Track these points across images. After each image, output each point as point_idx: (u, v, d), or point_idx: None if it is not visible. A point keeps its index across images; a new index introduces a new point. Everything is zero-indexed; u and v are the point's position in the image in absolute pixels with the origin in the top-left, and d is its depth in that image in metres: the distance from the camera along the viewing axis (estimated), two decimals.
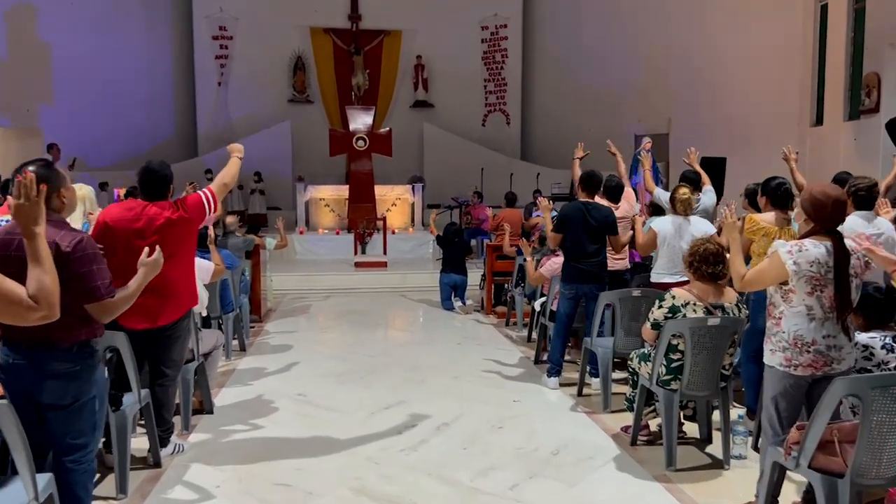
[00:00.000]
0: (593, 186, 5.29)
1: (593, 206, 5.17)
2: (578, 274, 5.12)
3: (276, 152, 16.09)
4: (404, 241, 12.87)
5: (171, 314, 3.60)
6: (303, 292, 9.95)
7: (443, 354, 6.34)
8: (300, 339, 7.00)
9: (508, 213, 8.72)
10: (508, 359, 6.14)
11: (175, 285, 3.58)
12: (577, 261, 5.13)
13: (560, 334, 5.25)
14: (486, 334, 7.23)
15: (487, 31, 17.63)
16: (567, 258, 5.22)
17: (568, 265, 5.20)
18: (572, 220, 5.13)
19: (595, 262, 5.14)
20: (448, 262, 8.71)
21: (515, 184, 14.49)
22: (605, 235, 5.19)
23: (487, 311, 8.34)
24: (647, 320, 3.74)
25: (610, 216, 5.21)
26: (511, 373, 5.70)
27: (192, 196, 3.67)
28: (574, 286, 5.16)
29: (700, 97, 13.60)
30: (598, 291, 5.13)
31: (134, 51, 16.14)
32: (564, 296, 5.23)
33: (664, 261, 4.91)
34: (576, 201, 5.31)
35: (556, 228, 5.27)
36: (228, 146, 4.09)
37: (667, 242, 4.90)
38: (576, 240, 5.12)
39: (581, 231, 5.11)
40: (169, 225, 3.52)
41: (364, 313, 8.50)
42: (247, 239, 7.55)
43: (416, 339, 7.01)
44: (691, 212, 4.95)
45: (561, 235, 5.22)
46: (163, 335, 3.62)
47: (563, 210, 5.31)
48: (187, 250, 3.65)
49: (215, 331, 4.81)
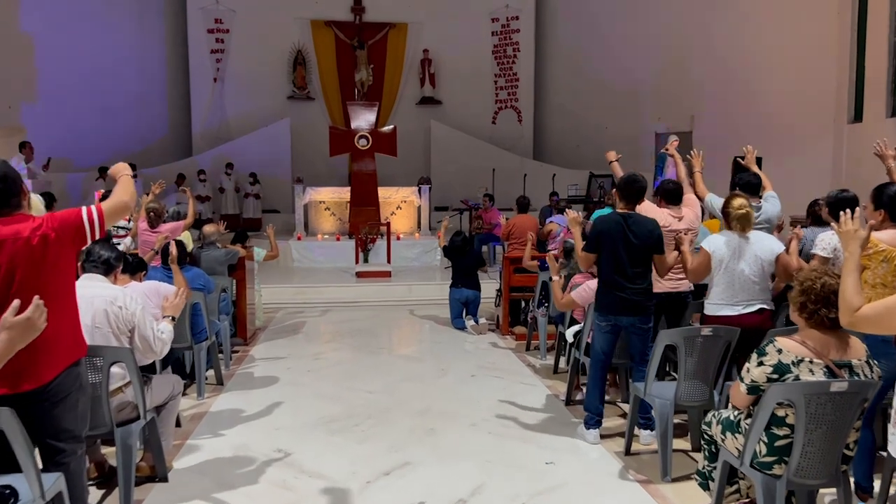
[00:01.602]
0: (633, 194, 4.26)
1: (635, 219, 4.17)
2: (616, 303, 4.14)
3: (274, 152, 15.34)
4: (410, 248, 11.91)
5: (44, 371, 2.60)
6: (298, 306, 9.01)
7: (455, 391, 5.36)
8: (289, 368, 6.03)
9: (521, 220, 7.72)
10: (534, 397, 5.16)
11: (45, 333, 2.57)
12: (614, 287, 4.14)
13: (597, 377, 4.27)
14: (505, 362, 6.24)
15: (498, 23, 16.75)
16: (602, 283, 4.24)
17: (603, 292, 4.22)
18: (609, 237, 4.14)
19: (638, 288, 4.14)
20: (458, 276, 7.74)
21: (529, 186, 13.53)
22: (649, 255, 4.19)
23: (504, 332, 7.36)
24: (740, 380, 2.75)
25: (655, 230, 4.20)
26: (539, 418, 4.72)
27: (64, 213, 2.69)
28: (611, 318, 4.19)
29: (726, 93, 12.77)
30: (642, 325, 4.16)
31: (124, 44, 15.28)
32: (600, 328, 4.26)
33: (721, 289, 3.94)
34: (613, 212, 4.31)
35: (588, 246, 4.28)
36: (111, 168, 3.13)
37: (723, 266, 3.93)
38: (613, 261, 4.14)
39: (620, 250, 4.12)
40: (28, 250, 2.53)
41: (365, 333, 7.54)
42: (230, 251, 6.59)
43: (424, 369, 6.03)
44: (750, 228, 3.97)
45: (594, 256, 4.24)
46: (37, 400, 2.61)
47: (596, 224, 4.30)
48: (61, 284, 2.65)
49: (170, 376, 3.85)
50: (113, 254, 3.47)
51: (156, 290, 4.22)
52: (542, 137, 17.36)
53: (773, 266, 3.93)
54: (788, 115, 11.12)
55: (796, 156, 10.77)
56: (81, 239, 2.68)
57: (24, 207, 2.65)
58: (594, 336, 4.32)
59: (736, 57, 12.44)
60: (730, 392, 2.95)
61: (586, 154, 15.96)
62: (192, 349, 5.10)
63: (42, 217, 2.64)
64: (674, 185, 4.91)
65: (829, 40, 10.54)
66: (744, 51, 12.23)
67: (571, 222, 4.60)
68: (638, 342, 4.20)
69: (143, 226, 6.43)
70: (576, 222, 4.58)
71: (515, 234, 7.49)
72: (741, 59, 12.33)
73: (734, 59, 12.47)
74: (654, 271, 4.27)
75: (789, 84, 11.29)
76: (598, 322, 4.27)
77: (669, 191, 4.83)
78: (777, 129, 11.13)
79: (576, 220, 4.59)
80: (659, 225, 4.29)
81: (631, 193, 4.25)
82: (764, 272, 3.91)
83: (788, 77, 11.32)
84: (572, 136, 16.63)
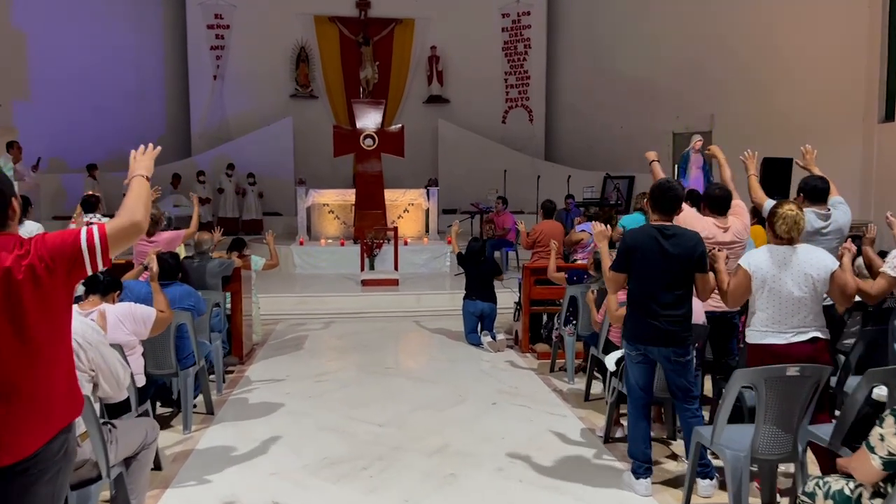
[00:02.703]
0: (668, 203, 3.58)
1: (672, 232, 3.52)
2: (646, 332, 3.52)
3: (276, 152, 14.80)
4: (417, 253, 11.30)
5: (31, 439, 2.01)
6: (300, 318, 8.40)
7: (476, 424, 4.73)
8: (289, 393, 5.42)
9: (548, 227, 7.07)
10: (566, 432, 4.53)
11: (34, 389, 2.01)
12: (645, 313, 3.51)
13: (637, 415, 3.63)
14: (528, 387, 5.60)
15: (508, 18, 16.17)
16: (631, 307, 3.61)
17: (632, 318, 3.59)
18: (640, 254, 3.50)
19: (673, 316, 3.49)
20: (473, 287, 7.11)
21: (542, 188, 12.89)
22: (690, 275, 3.54)
23: (524, 349, 6.73)
24: (869, 450, 2.12)
25: (698, 246, 3.54)
26: (575, 460, 4.09)
27: (57, 236, 2.06)
28: (641, 347, 3.57)
29: (748, 91, 12.22)
30: (678, 357, 3.53)
31: (120, 41, 14.74)
32: (631, 360, 3.64)
33: (767, 314, 3.32)
34: (646, 225, 3.67)
35: (616, 264, 3.63)
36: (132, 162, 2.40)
37: (766, 286, 3.30)
38: (645, 283, 3.52)
39: (654, 269, 3.49)
40: (8, 286, 1.93)
41: (371, 349, 6.93)
42: (223, 262, 5.98)
43: (438, 394, 5.39)
44: (799, 238, 3.33)
45: (624, 276, 3.60)
46: (17, 477, 2.02)
47: (626, 238, 3.64)
48: (55, 328, 2.05)
49: (142, 421, 3.23)
50: None
51: (130, 314, 3.61)
52: (554, 137, 16.75)
53: (827, 285, 3.30)
54: (815, 114, 10.57)
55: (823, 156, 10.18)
56: (79, 270, 2.04)
57: (10, 226, 2.04)
58: (627, 367, 3.70)
59: (758, 53, 11.88)
60: (845, 463, 2.31)
61: (600, 155, 15.36)
62: (177, 373, 4.50)
63: (30, 240, 2.02)
64: (721, 190, 4.28)
65: (858, 36, 10.08)
66: (766, 47, 11.69)
67: (598, 236, 3.97)
68: (675, 376, 3.57)
69: None
70: (603, 236, 3.95)
71: (543, 241, 6.86)
72: (763, 55, 11.77)
73: (756, 56, 11.91)
74: (696, 293, 3.64)
75: (816, 81, 10.76)
76: (627, 351, 3.66)
77: (716, 197, 4.20)
78: (802, 128, 10.55)
79: (603, 234, 3.95)
80: (702, 239, 3.66)
81: (665, 202, 3.58)
82: (816, 293, 3.29)
83: (815, 74, 10.78)
84: (585, 136, 16.02)
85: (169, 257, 4.52)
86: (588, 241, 6.85)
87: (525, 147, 16.01)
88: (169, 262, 4.43)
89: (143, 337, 3.72)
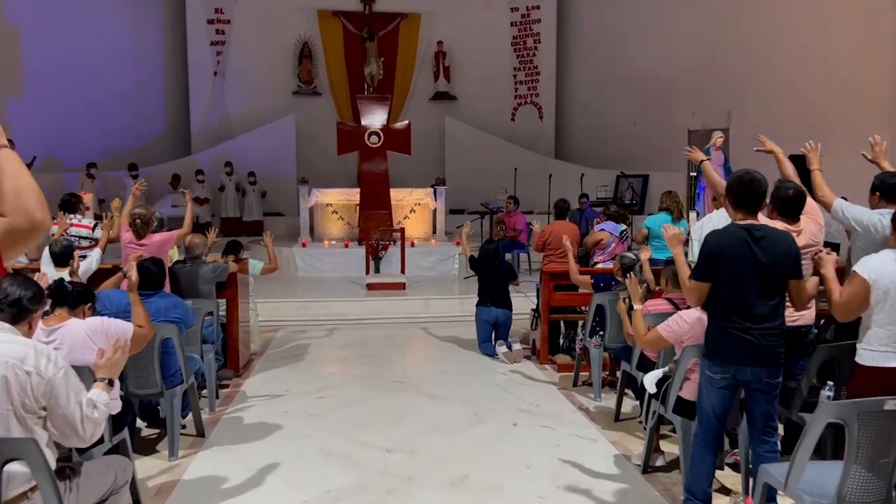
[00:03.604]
0: (752, 199, 3.10)
1: (763, 233, 3.04)
2: (737, 350, 3.02)
3: (278, 150, 14.34)
4: (425, 256, 10.82)
5: None
6: (302, 324, 7.93)
7: (497, 450, 4.23)
8: (288, 412, 4.93)
9: (558, 228, 6.54)
10: (598, 460, 4.03)
11: None
12: (736, 327, 3.02)
13: (707, 447, 3.13)
14: (551, 404, 5.10)
15: (517, 13, 15.68)
16: (716, 321, 3.11)
17: (718, 333, 3.09)
18: (729, 259, 3.02)
19: (768, 329, 3.01)
20: (486, 292, 6.62)
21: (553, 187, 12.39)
22: (783, 282, 3.07)
23: (542, 360, 6.24)
24: None
25: (792, 248, 3.07)
26: (615, 494, 3.59)
27: None
28: (728, 369, 3.06)
29: (767, 86, 11.74)
30: (770, 379, 3.04)
31: (117, 36, 14.30)
32: (711, 383, 3.12)
33: (888, 331, 2.84)
34: (732, 226, 3.18)
35: (699, 272, 3.13)
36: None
37: (890, 298, 2.82)
38: (735, 292, 3.02)
39: (745, 276, 3.00)
40: None
41: (378, 361, 6.45)
42: (217, 266, 5.50)
43: (453, 413, 4.89)
44: None
45: (708, 285, 3.11)
46: None
47: (711, 241, 3.11)
48: None
49: (112, 460, 2.74)
50: (28, 292, 2.36)
51: (102, 331, 3.12)
52: (565, 135, 16.25)
53: None
54: (838, 110, 10.10)
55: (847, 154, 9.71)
56: None
57: None
58: (702, 392, 3.17)
59: (777, 47, 11.40)
60: None
61: (612, 153, 14.87)
62: (163, 393, 4.02)
63: None
64: (795, 190, 3.74)
65: (883, 27, 9.62)
66: (786, 40, 11.22)
67: (671, 241, 3.42)
68: (762, 402, 3.08)
69: (127, 237, 5.23)
70: (677, 241, 3.42)
71: (553, 243, 6.36)
72: (783, 49, 11.29)
73: (776, 50, 11.43)
74: (790, 302, 3.15)
75: (839, 76, 10.28)
76: (706, 372, 3.14)
77: (789, 198, 3.64)
78: (825, 124, 10.09)
79: (677, 239, 3.42)
80: (795, 240, 3.17)
81: (749, 198, 3.09)
82: None
83: (838, 68, 10.30)
84: (597, 134, 15.53)
85: (151, 264, 4.02)
86: (609, 242, 6.35)
87: (534, 145, 15.52)
88: (151, 269, 3.94)
89: None
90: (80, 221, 6.04)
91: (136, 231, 5.15)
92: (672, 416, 3.54)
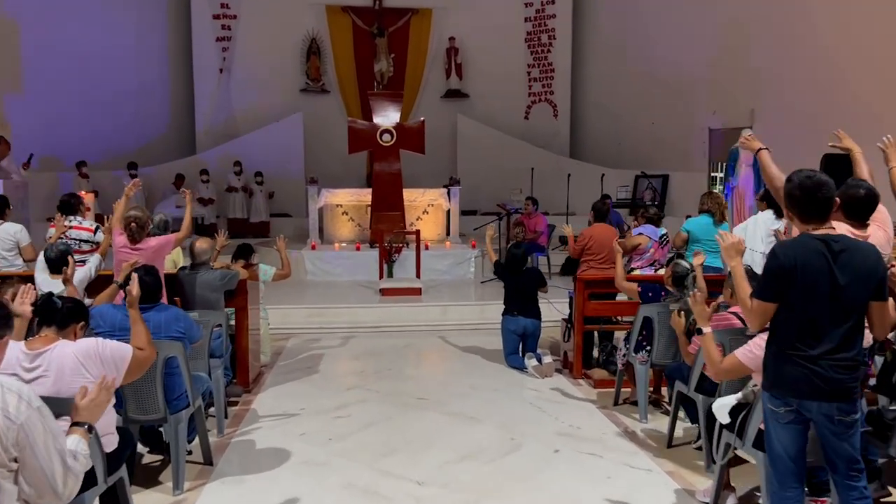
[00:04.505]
0: (822, 205, 2.61)
1: (844, 245, 2.57)
2: (800, 381, 2.57)
3: (285, 149, 13.93)
4: (439, 259, 10.36)
5: None
6: (313, 332, 7.49)
7: (538, 481, 3.77)
8: (304, 434, 4.48)
9: (599, 232, 6.07)
10: (658, 494, 3.58)
11: None
12: (800, 355, 2.56)
13: (787, 484, 2.66)
14: (593, 426, 4.64)
15: (532, 8, 15.26)
16: (777, 347, 2.64)
17: (779, 360, 2.63)
18: (803, 276, 2.54)
19: (844, 360, 2.55)
20: (514, 300, 6.15)
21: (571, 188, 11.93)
22: (863, 304, 2.58)
23: (576, 375, 5.77)
24: None
25: (879, 265, 2.60)
26: None
27: None
28: (790, 402, 2.61)
29: (793, 82, 11.23)
30: (843, 416, 2.58)
31: (120, 31, 13.87)
32: (776, 418, 2.66)
33: None
34: (805, 236, 2.67)
35: (764, 291, 2.64)
36: None
37: None
38: (804, 313, 2.56)
39: (820, 296, 2.54)
40: None
41: (397, 373, 6.00)
42: (226, 273, 5.05)
43: (486, 437, 4.42)
44: None
45: (774, 306, 2.62)
46: None
47: (779, 254, 2.62)
48: None
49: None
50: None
51: (96, 355, 2.67)
52: (580, 134, 15.80)
53: None
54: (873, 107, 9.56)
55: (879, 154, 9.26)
56: None
57: None
58: (769, 429, 2.71)
59: (804, 40, 10.88)
60: None
61: (629, 152, 14.41)
62: (167, 418, 3.57)
63: None
64: (867, 189, 3.29)
65: None
66: (814, 33, 10.69)
67: (729, 251, 2.88)
68: (837, 442, 2.60)
69: (120, 240, 4.71)
70: (736, 251, 2.88)
71: (594, 248, 5.89)
72: (810, 42, 10.77)
73: (802, 43, 10.91)
74: (869, 327, 2.68)
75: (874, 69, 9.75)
76: (770, 407, 2.68)
77: (860, 198, 3.18)
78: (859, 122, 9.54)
79: (736, 248, 2.88)
80: (880, 253, 2.70)
81: (819, 205, 2.60)
82: None
83: (873, 61, 9.77)
84: (613, 133, 15.07)
85: (144, 273, 3.52)
86: (647, 247, 5.89)
87: (549, 144, 15.07)
88: (145, 280, 3.44)
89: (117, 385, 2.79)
90: (81, 224, 5.61)
91: (131, 234, 4.67)
92: (752, 452, 3.07)
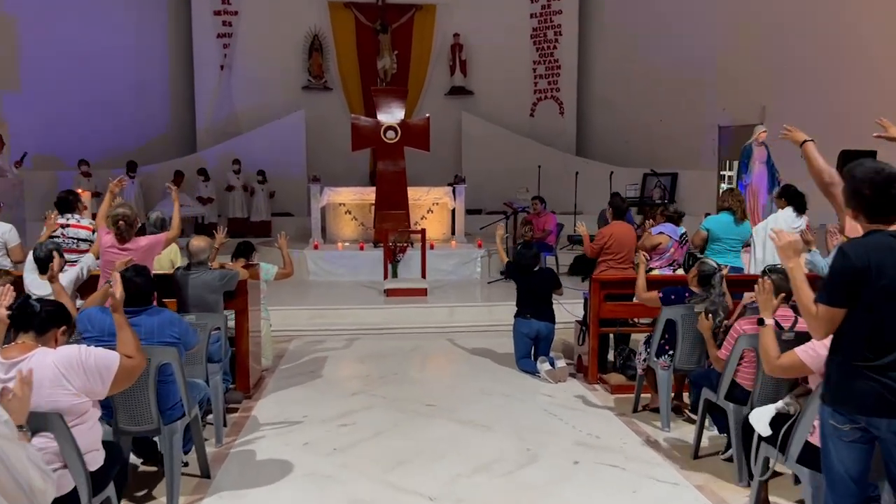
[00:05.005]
0: (891, 202, 2.34)
1: None
2: (869, 393, 2.31)
3: (287, 147, 13.72)
4: (445, 258, 10.11)
5: None
6: (316, 334, 7.25)
7: (559, 496, 3.52)
8: (307, 444, 4.24)
9: (619, 230, 5.81)
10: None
11: None
12: (869, 365, 2.31)
13: None
14: (613, 435, 4.38)
15: (538, 4, 15.04)
16: (841, 353, 2.40)
17: (844, 370, 2.38)
18: (877, 278, 2.29)
19: None
20: (526, 303, 5.90)
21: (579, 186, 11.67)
22: None
23: (591, 380, 5.52)
24: None
25: None
26: None
27: None
28: (858, 420, 2.36)
29: (805, 78, 11.07)
30: None
31: (120, 28, 13.68)
32: (839, 436, 2.41)
33: None
34: (880, 235, 2.37)
35: (830, 295, 2.37)
36: None
37: None
38: (875, 320, 2.31)
39: (892, 300, 2.29)
40: None
41: (403, 378, 5.75)
42: (225, 273, 4.80)
43: (500, 447, 4.17)
44: None
45: (842, 312, 2.35)
46: None
47: (849, 254, 2.34)
48: None
49: None
50: None
51: (79, 364, 2.42)
52: (587, 132, 15.55)
53: None
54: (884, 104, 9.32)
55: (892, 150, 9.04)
56: None
57: None
58: (828, 447, 2.45)
59: (817, 35, 10.66)
60: None
61: (636, 150, 14.16)
62: (160, 429, 3.33)
63: None
64: None
65: None
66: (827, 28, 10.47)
67: (786, 250, 2.57)
68: None
69: (107, 239, 4.45)
70: (794, 250, 2.55)
71: (613, 248, 5.63)
72: (823, 37, 10.54)
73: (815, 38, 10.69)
74: None
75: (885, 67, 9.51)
76: (832, 423, 2.42)
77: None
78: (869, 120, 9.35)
79: (794, 248, 2.55)
80: None
81: (889, 202, 2.33)
82: None
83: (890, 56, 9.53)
84: (621, 131, 14.83)
85: (134, 274, 3.27)
86: (667, 246, 5.64)
87: (555, 142, 14.83)
88: (134, 280, 3.19)
89: (100, 396, 2.54)
90: (79, 222, 5.36)
91: (120, 233, 4.41)
92: (797, 468, 2.82)
